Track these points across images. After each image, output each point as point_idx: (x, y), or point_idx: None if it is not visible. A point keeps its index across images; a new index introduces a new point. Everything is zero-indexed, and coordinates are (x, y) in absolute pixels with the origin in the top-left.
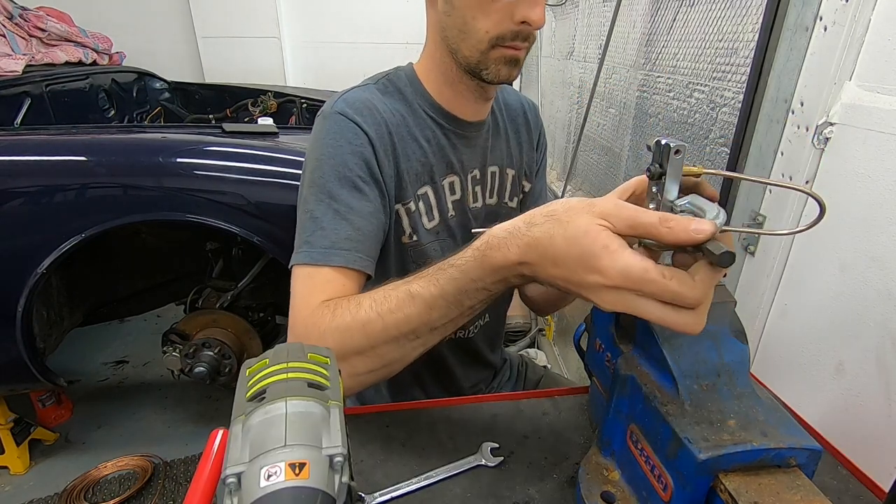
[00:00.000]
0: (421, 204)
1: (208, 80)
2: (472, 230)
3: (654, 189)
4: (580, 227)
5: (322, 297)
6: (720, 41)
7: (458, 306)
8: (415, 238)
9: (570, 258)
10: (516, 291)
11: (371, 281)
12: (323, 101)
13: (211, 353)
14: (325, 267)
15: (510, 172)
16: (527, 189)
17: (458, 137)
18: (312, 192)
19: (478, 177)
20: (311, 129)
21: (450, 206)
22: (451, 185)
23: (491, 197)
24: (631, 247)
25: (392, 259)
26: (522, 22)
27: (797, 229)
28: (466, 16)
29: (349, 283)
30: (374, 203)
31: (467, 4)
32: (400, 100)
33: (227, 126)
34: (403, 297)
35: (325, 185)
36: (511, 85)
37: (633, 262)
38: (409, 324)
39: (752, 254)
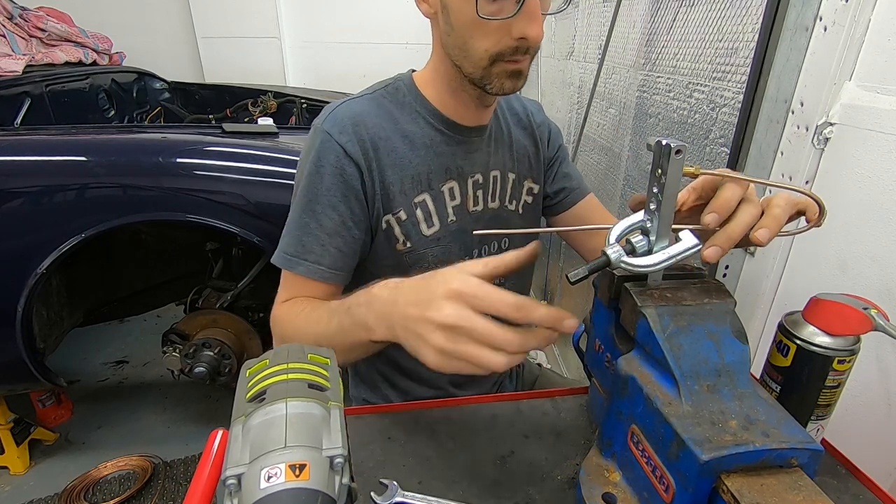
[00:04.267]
0: (419, 211)
1: (208, 80)
2: (474, 231)
3: (654, 189)
4: (437, 272)
5: (287, 297)
6: (720, 41)
7: (341, 325)
8: (409, 245)
9: (417, 286)
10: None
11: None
12: (323, 102)
13: (211, 353)
14: (292, 273)
15: (511, 177)
16: (535, 191)
17: (458, 144)
18: (294, 203)
19: (480, 181)
20: (310, 129)
21: (450, 211)
22: (451, 190)
23: (493, 201)
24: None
25: (388, 265)
26: (521, 38)
27: (796, 230)
28: (465, 36)
29: (315, 289)
30: (350, 220)
31: (465, 26)
32: (398, 109)
33: (227, 126)
34: (324, 307)
35: (305, 200)
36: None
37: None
38: (317, 330)
39: (752, 254)
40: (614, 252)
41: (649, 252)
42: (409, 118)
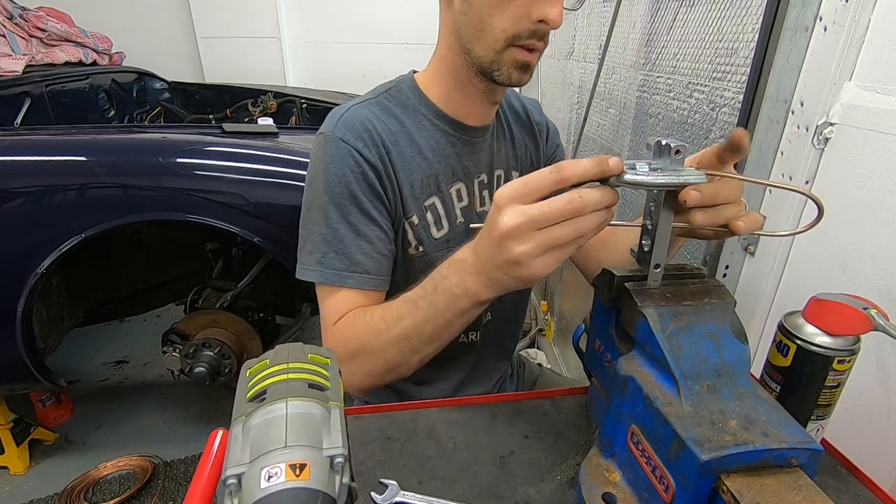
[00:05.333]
0: (429, 215)
1: (208, 80)
2: (471, 225)
3: (654, 189)
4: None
5: (341, 313)
6: (720, 41)
7: (433, 307)
8: (421, 249)
9: (487, 230)
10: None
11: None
12: (323, 102)
13: (211, 353)
14: (341, 288)
15: (514, 175)
16: None
17: (463, 144)
18: (322, 215)
19: (485, 181)
20: (311, 129)
21: (458, 213)
22: (458, 192)
23: None
24: None
25: (399, 270)
26: (540, 21)
27: (796, 230)
28: (483, 14)
29: (364, 299)
30: (383, 224)
31: (485, 3)
32: (403, 112)
33: (227, 126)
34: (400, 302)
35: (337, 211)
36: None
37: (506, 186)
38: (403, 326)
39: (752, 254)
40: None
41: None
42: (415, 121)
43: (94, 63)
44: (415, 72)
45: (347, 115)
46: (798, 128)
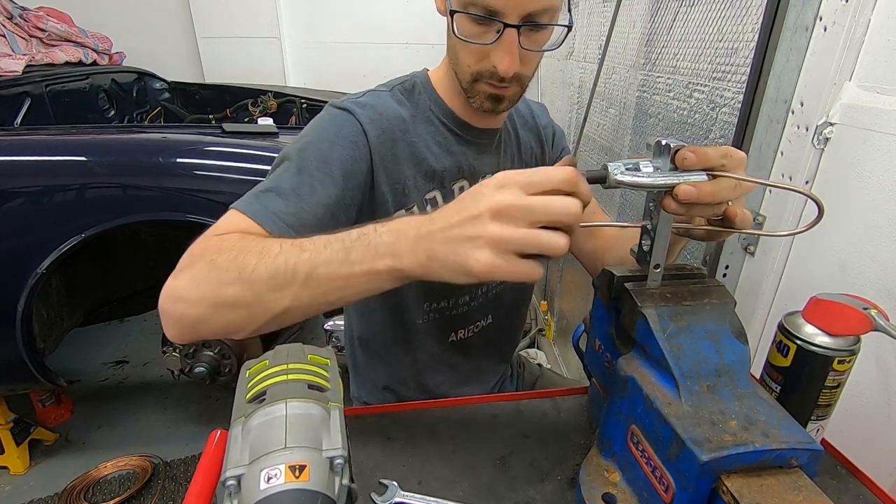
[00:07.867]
0: (429, 208)
1: (208, 80)
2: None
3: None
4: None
5: (224, 231)
6: (720, 41)
7: (345, 252)
8: None
9: (469, 198)
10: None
11: None
12: (323, 102)
13: (211, 353)
14: (255, 222)
15: None
16: None
17: (469, 145)
18: (285, 161)
19: None
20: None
21: None
22: (462, 189)
23: None
24: None
25: None
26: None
27: (796, 230)
28: (457, 45)
29: None
30: (337, 195)
31: (455, 38)
32: (414, 106)
33: (227, 126)
34: (306, 239)
35: (302, 160)
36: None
37: (515, 171)
38: (299, 258)
39: (752, 254)
40: (615, 167)
41: (651, 245)
42: (424, 117)
43: (94, 63)
44: (428, 70)
45: (361, 98)
46: (798, 128)
